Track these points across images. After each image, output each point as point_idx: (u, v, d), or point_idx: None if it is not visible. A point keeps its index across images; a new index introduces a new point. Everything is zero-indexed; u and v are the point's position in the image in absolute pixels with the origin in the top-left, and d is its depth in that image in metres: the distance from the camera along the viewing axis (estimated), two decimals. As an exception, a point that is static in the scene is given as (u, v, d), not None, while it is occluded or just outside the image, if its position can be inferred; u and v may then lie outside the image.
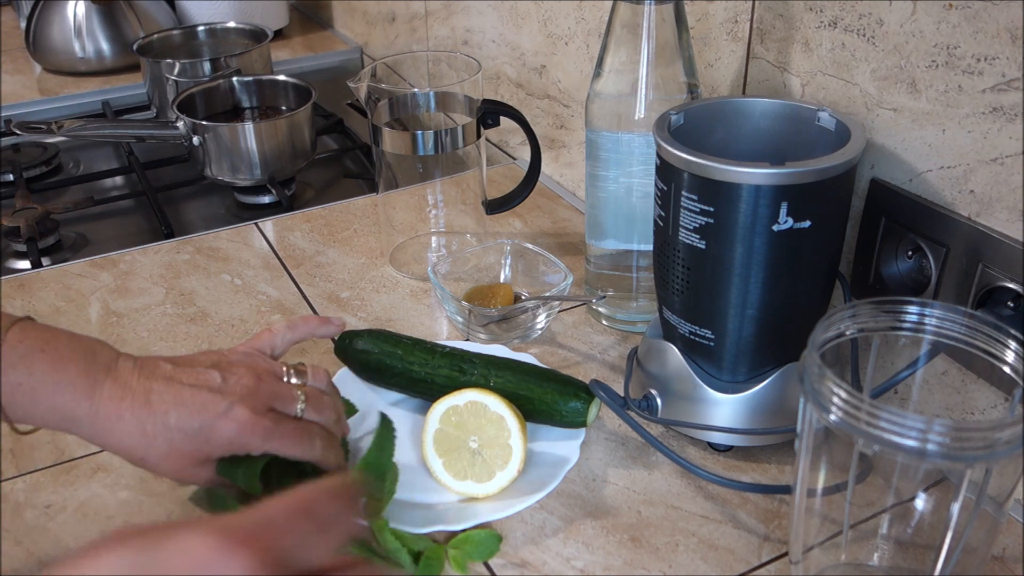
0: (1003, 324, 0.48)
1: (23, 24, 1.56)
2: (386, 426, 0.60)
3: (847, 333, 0.51)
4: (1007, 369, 0.48)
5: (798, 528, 0.54)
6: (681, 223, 0.62)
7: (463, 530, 0.60)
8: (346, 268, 0.94)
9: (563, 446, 0.67)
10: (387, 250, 0.95)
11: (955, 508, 0.47)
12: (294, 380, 0.60)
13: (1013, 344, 0.48)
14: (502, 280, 0.87)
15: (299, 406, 0.59)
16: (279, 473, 0.58)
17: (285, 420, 0.57)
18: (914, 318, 0.51)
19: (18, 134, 1.12)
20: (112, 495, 0.66)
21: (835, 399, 0.45)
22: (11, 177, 1.19)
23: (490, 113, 0.88)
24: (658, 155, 0.63)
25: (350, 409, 0.67)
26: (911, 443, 0.43)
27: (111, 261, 0.97)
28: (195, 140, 1.10)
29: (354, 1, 1.63)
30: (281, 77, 1.24)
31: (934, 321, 0.51)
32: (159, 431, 0.54)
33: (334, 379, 0.66)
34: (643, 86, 0.72)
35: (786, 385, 0.64)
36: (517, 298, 0.84)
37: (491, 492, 0.63)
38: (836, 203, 0.61)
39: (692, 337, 0.65)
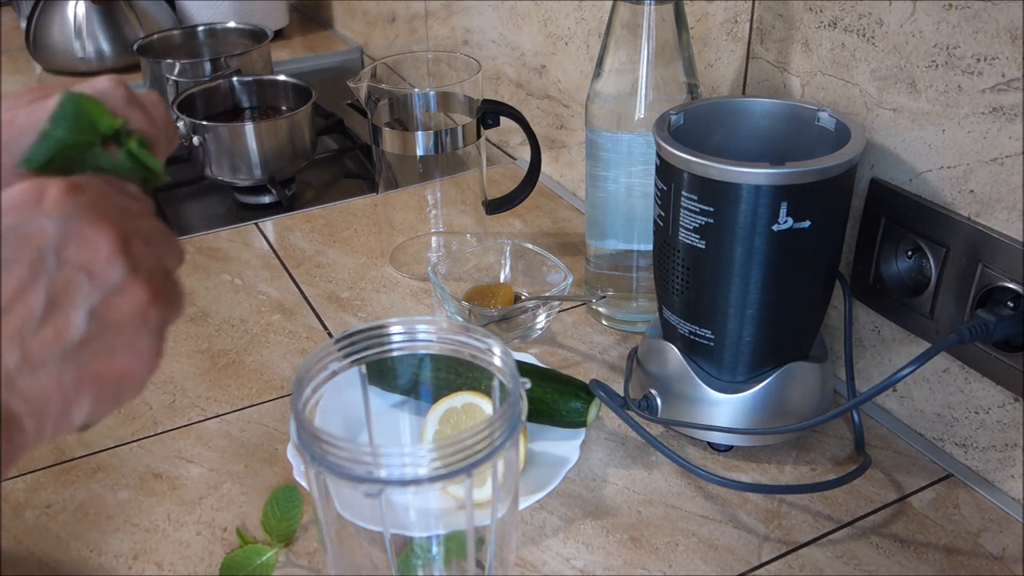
0: (488, 333, 0.50)
1: (23, 24, 1.56)
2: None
3: (337, 368, 0.50)
4: (494, 370, 0.50)
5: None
6: (681, 223, 0.62)
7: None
8: (346, 268, 0.94)
9: (563, 446, 0.67)
10: (387, 250, 0.95)
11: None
12: None
13: (497, 349, 0.49)
14: (502, 280, 0.87)
15: None
16: None
17: None
18: (402, 337, 0.52)
19: (18, 134, 1.12)
20: (112, 495, 0.66)
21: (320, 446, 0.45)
22: (11, 177, 1.19)
23: (490, 113, 0.88)
24: (658, 155, 0.63)
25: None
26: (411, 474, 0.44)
27: (111, 261, 0.96)
28: (195, 140, 1.10)
29: (354, 1, 1.63)
30: (281, 77, 1.24)
31: (422, 337, 0.52)
32: None
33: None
34: (643, 86, 0.72)
35: (786, 385, 0.64)
36: (517, 298, 0.84)
37: (491, 493, 0.63)
38: (836, 203, 0.61)
39: (692, 337, 0.65)
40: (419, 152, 0.86)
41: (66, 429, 0.36)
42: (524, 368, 0.69)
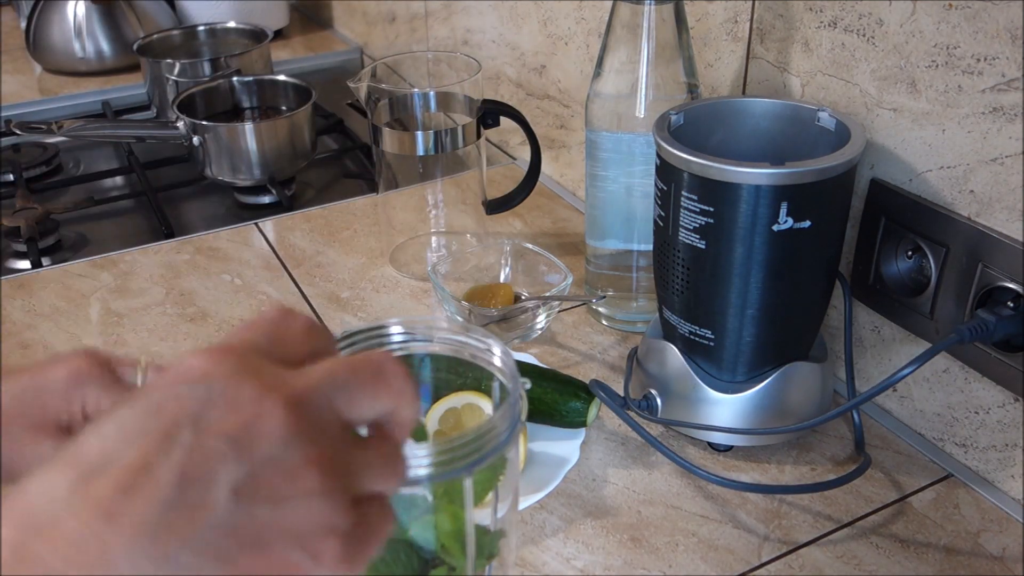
0: (488, 333, 0.48)
1: (23, 24, 1.56)
2: None
3: None
4: (494, 370, 0.49)
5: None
6: (681, 223, 0.62)
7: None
8: (346, 268, 0.94)
9: (563, 446, 0.67)
10: (387, 250, 0.95)
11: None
12: None
13: (497, 349, 0.48)
14: (502, 280, 0.87)
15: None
16: None
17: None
18: (401, 337, 0.50)
19: (18, 134, 1.12)
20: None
21: None
22: (11, 177, 1.19)
23: (490, 113, 0.88)
24: (658, 155, 0.63)
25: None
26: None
27: (111, 261, 0.97)
28: (195, 140, 1.10)
29: (354, 1, 1.63)
30: (281, 77, 1.24)
31: (422, 337, 0.51)
32: None
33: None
34: (643, 86, 0.72)
35: (786, 385, 0.64)
36: (517, 298, 0.84)
37: (491, 493, 0.63)
38: (836, 203, 0.61)
39: (692, 337, 0.65)
40: (419, 152, 0.86)
41: None
42: (524, 368, 0.69)
